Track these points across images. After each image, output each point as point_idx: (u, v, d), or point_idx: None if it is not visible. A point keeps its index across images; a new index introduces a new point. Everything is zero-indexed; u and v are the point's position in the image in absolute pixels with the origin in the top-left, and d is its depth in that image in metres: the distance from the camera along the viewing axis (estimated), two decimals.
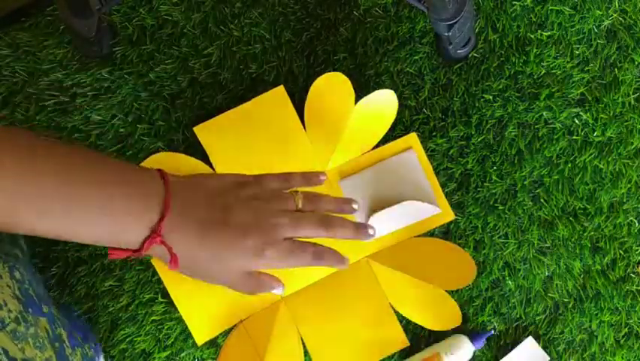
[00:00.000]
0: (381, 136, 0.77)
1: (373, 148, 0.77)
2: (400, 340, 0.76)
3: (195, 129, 0.75)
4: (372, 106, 0.75)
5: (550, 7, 0.78)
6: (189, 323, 0.75)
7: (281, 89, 0.76)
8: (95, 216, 0.56)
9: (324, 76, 0.75)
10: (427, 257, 0.76)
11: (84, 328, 0.75)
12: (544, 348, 0.77)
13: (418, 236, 0.77)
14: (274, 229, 0.61)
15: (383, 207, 0.75)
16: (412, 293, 0.76)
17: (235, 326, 0.76)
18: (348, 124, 0.75)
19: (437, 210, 0.76)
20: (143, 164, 0.73)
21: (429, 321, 0.76)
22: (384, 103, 0.75)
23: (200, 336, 0.76)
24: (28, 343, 0.56)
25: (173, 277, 0.75)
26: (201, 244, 0.60)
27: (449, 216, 0.77)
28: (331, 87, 0.75)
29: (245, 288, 0.64)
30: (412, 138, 0.77)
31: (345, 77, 0.75)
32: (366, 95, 0.77)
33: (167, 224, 0.58)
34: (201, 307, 0.75)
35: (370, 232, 0.66)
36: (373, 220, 0.75)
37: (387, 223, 0.76)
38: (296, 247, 0.62)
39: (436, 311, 0.76)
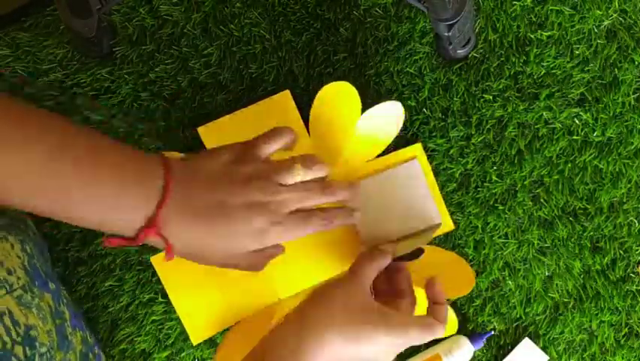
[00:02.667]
0: (385, 146, 0.76)
1: (377, 156, 0.77)
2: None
3: (200, 129, 0.75)
4: (378, 116, 0.75)
5: (550, 7, 0.78)
6: (185, 323, 0.75)
7: (287, 93, 0.75)
8: (86, 200, 0.54)
9: (331, 84, 0.74)
10: (426, 266, 0.76)
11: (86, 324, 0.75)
12: (544, 348, 0.77)
13: None
14: (278, 206, 0.60)
15: (385, 215, 0.75)
16: None
17: (231, 327, 0.76)
18: (353, 133, 0.75)
19: (438, 221, 0.76)
20: None
21: None
22: (391, 114, 0.75)
23: (196, 336, 0.76)
24: (32, 312, 0.57)
25: (172, 276, 0.75)
26: (204, 231, 0.58)
27: (449, 226, 0.77)
28: (338, 96, 0.74)
29: (251, 268, 0.62)
30: (417, 148, 0.77)
31: (353, 87, 0.74)
32: (366, 95, 0.77)
33: (165, 214, 0.56)
34: (198, 307, 0.75)
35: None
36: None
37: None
38: (303, 218, 0.61)
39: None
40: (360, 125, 0.75)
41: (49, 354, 0.57)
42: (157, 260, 0.76)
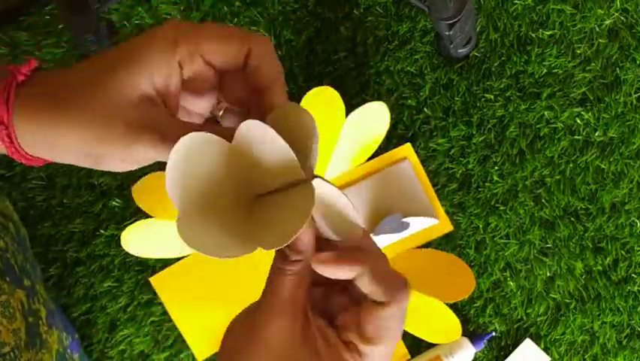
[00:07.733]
0: (374, 148, 0.76)
1: (368, 160, 0.76)
2: (399, 352, 0.76)
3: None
4: (363, 118, 0.74)
5: (552, 6, 0.78)
6: (189, 341, 0.75)
7: None
8: None
9: (313, 90, 0.73)
10: (426, 269, 0.75)
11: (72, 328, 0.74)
12: (546, 349, 0.77)
13: (417, 248, 0.77)
14: None
15: (380, 220, 0.74)
16: (412, 306, 0.75)
17: None
18: (339, 137, 0.75)
19: (435, 221, 0.76)
20: (138, 183, 0.74)
21: (428, 334, 0.76)
22: (375, 115, 0.75)
23: (201, 353, 0.76)
24: None
25: (172, 297, 0.76)
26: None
27: (447, 227, 0.77)
28: (321, 101, 0.74)
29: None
30: (407, 149, 0.77)
31: (335, 91, 0.73)
32: (366, 95, 0.76)
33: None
34: (200, 325, 0.75)
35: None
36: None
37: (384, 236, 0.75)
38: None
39: (435, 324, 0.76)
40: (346, 129, 0.74)
41: (12, 354, 0.56)
42: (156, 281, 0.75)
